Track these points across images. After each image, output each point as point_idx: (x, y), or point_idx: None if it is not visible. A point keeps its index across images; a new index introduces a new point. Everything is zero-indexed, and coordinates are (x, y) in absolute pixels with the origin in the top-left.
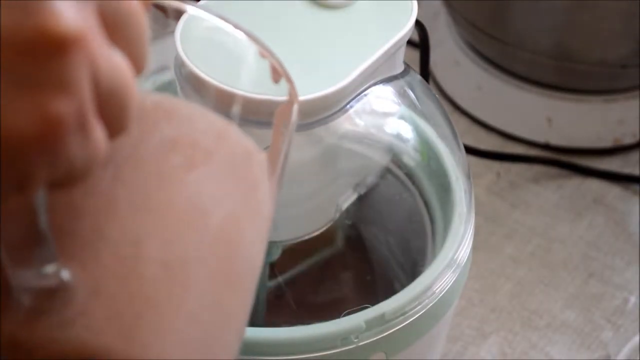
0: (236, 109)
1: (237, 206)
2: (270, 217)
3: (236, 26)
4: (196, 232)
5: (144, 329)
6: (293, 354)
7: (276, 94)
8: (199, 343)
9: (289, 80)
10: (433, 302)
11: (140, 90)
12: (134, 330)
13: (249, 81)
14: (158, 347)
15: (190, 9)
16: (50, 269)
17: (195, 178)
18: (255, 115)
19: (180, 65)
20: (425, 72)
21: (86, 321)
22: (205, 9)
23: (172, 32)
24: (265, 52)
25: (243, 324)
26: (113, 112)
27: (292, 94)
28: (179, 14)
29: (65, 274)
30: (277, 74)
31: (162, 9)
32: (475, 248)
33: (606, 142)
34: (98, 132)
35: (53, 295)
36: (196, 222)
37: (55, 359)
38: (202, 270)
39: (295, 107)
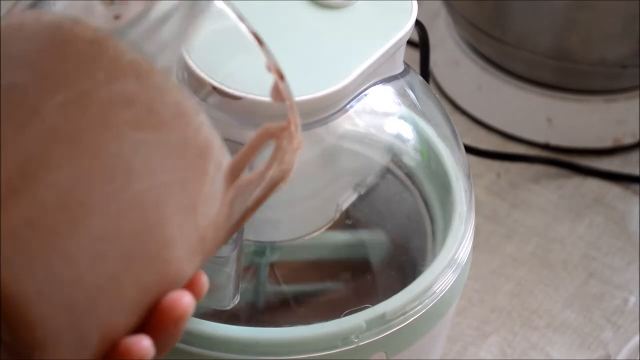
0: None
1: (170, 188)
2: (213, 225)
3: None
4: (110, 187)
5: (9, 243)
6: (293, 354)
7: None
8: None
9: (292, 106)
10: (433, 302)
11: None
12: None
13: (251, 82)
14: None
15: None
16: None
17: (137, 138)
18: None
19: (183, 67)
20: (425, 72)
21: None
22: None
23: None
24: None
25: (121, 308)
26: None
27: (291, 120)
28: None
29: None
30: (280, 96)
31: None
32: (475, 248)
33: (606, 142)
34: None
35: None
36: (115, 178)
37: None
38: (100, 225)
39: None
